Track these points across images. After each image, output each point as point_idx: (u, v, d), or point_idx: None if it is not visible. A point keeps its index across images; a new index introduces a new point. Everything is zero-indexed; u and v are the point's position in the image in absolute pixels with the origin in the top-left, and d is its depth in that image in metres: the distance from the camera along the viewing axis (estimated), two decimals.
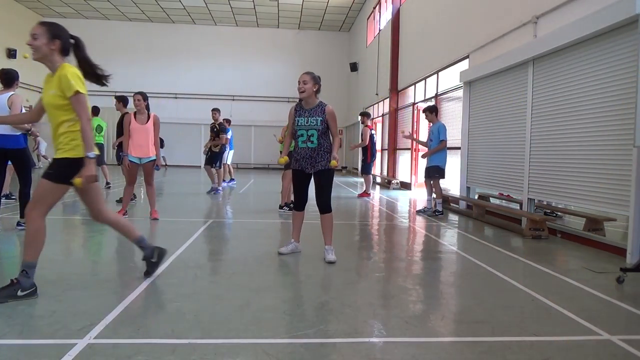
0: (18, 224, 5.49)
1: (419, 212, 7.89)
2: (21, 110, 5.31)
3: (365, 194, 10.39)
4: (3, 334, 2.40)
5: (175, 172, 18.52)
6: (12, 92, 5.33)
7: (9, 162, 5.28)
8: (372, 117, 13.19)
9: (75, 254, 4.50)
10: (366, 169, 10.48)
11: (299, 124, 4.19)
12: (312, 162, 4.21)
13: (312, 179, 4.34)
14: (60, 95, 2.97)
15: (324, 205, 4.28)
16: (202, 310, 2.84)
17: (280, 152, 4.88)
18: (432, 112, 7.77)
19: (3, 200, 7.67)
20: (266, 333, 2.53)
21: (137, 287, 3.25)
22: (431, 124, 7.90)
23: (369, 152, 10.22)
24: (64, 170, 2.97)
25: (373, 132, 10.52)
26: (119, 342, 2.35)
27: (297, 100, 4.37)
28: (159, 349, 2.29)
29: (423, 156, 8.02)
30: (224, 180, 12.86)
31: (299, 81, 4.17)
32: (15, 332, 2.44)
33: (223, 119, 13.50)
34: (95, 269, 3.80)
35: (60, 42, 3.03)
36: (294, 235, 4.48)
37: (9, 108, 5.16)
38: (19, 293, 2.90)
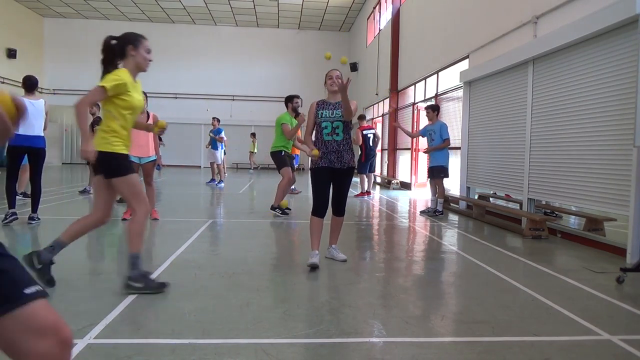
0: (31, 218, 5.74)
1: (422, 212, 7.86)
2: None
3: (362, 193, 10.44)
4: None
5: (174, 172, 18.52)
6: (43, 99, 6.04)
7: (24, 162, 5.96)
8: (367, 118, 13.25)
9: (75, 254, 4.50)
10: (360, 169, 10.53)
11: (324, 116, 4.05)
12: (338, 156, 4.02)
13: (332, 179, 4.10)
14: None
15: (342, 208, 4.19)
16: (202, 310, 2.84)
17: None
18: (435, 110, 7.83)
19: (20, 197, 7.77)
20: (266, 333, 2.53)
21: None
22: (431, 123, 7.91)
23: (363, 152, 10.29)
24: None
25: (372, 132, 10.52)
26: (119, 342, 2.35)
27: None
28: (159, 349, 2.29)
29: (425, 151, 8.08)
30: (213, 180, 12.79)
31: (330, 76, 4.05)
32: None
33: (213, 118, 13.35)
34: (95, 269, 3.80)
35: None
36: (313, 245, 4.04)
37: (45, 114, 5.89)
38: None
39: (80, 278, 3.51)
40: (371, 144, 10.36)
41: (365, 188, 10.48)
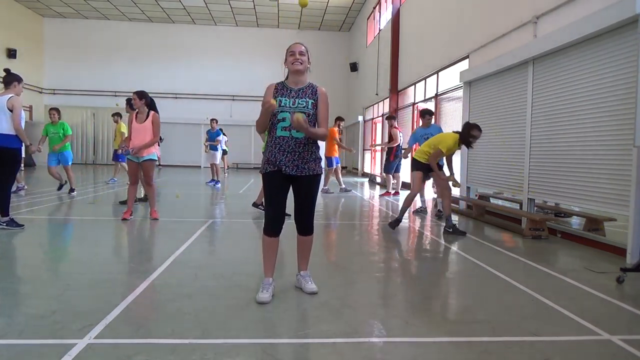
0: None
1: (415, 212, 7.94)
2: (20, 113, 5.52)
3: (386, 193, 10.60)
4: (3, 334, 2.40)
5: (174, 172, 18.52)
6: (12, 95, 5.49)
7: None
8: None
9: (75, 254, 4.50)
10: (387, 168, 10.65)
11: (282, 104, 3.11)
12: (296, 158, 3.08)
13: (291, 187, 3.20)
14: None
15: (308, 225, 3.26)
16: (202, 310, 2.84)
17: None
18: (432, 115, 8.03)
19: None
20: (266, 333, 2.53)
21: (137, 287, 3.25)
22: (424, 126, 7.95)
23: (393, 151, 10.41)
24: None
25: (401, 133, 10.70)
26: (119, 342, 2.35)
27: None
28: (159, 349, 2.29)
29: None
30: (212, 180, 12.77)
31: (292, 52, 3.17)
32: (15, 332, 2.44)
33: (211, 120, 13.31)
34: (95, 269, 3.79)
35: None
36: (267, 272, 3.20)
37: (10, 110, 5.39)
38: None
39: (80, 278, 3.51)
40: (401, 144, 10.56)
41: (391, 189, 10.68)
